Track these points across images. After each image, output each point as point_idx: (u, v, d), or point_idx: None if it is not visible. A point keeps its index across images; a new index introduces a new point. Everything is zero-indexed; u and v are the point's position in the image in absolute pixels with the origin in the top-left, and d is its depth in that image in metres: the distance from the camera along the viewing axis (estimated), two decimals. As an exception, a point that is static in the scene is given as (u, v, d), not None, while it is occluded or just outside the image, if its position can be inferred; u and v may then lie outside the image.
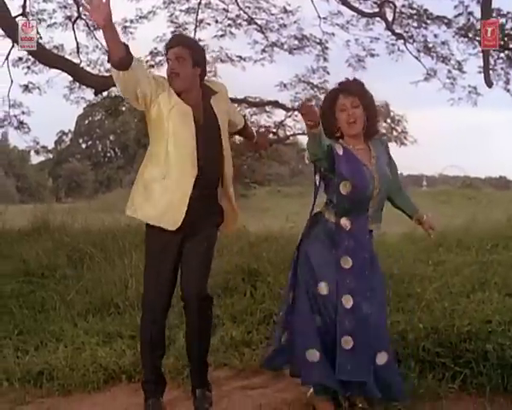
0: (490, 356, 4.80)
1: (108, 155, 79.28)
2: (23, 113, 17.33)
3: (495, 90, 16.30)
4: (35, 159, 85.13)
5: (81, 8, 15.78)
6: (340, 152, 4.87)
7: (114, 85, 16.03)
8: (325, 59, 16.88)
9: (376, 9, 15.90)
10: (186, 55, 4.95)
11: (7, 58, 15.48)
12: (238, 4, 16.46)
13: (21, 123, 17.40)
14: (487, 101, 17.10)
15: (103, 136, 77.92)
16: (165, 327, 5.06)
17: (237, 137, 20.07)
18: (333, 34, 16.51)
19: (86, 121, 76.56)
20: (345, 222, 4.88)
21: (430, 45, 16.04)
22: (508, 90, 16.21)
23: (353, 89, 5.00)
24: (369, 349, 4.65)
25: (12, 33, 13.24)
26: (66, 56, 15.92)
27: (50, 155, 79.07)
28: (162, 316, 5.01)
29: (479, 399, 4.69)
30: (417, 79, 16.39)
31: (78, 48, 16.31)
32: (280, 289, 7.04)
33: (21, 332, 6.78)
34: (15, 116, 17.28)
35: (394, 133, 22.07)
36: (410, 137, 22.53)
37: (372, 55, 16.80)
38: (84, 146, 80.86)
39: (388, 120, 21.93)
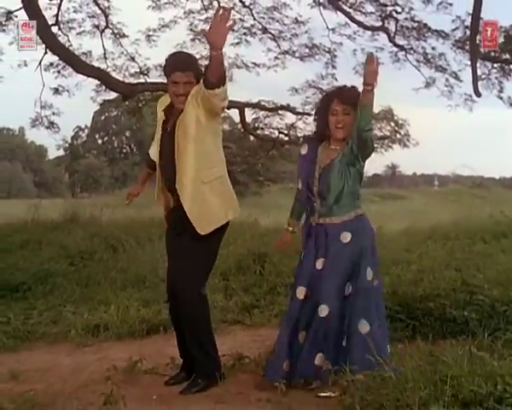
0: (434, 313, 6.32)
1: (124, 151, 78.90)
2: (53, 113, 17.82)
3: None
4: (52, 154, 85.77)
5: (109, 18, 17.20)
6: (304, 152, 5.49)
7: (140, 92, 17.26)
8: (333, 66, 17.59)
9: (380, 23, 17.17)
10: (192, 77, 5.22)
11: (40, 63, 16.76)
12: (253, 15, 17.16)
13: (52, 123, 17.89)
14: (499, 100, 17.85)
15: (119, 132, 77.26)
16: None
17: (251, 137, 21.28)
18: (341, 44, 17.24)
19: (102, 117, 76.28)
20: (303, 216, 5.53)
21: (429, 57, 17.25)
22: (501, 98, 17.32)
23: (347, 97, 5.32)
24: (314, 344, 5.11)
25: (47, 41, 14.66)
26: (94, 62, 16.65)
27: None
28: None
29: (425, 342, 6.14)
30: (418, 87, 17.17)
31: (105, 54, 17.05)
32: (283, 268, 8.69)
33: (74, 301, 8.20)
34: (46, 117, 17.83)
35: (398, 136, 23.40)
36: (413, 139, 23.88)
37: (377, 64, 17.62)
38: (100, 142, 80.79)
39: (392, 124, 23.25)
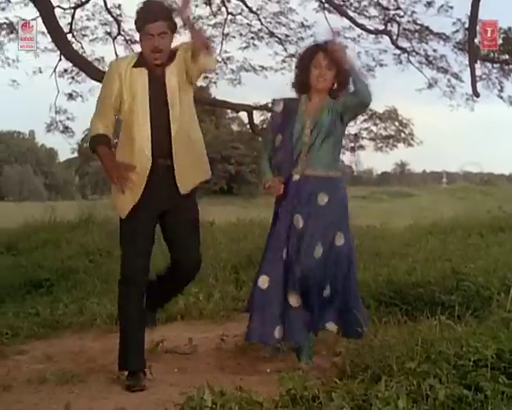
0: (425, 298, 6.92)
1: (134, 152, 79.28)
2: (67, 118, 18.87)
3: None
4: (62, 156, 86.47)
5: (121, 25, 17.61)
6: (279, 109, 5.59)
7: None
8: None
9: (383, 26, 17.76)
10: (167, 28, 5.03)
11: (54, 70, 17.44)
12: (260, 20, 17.98)
13: (66, 128, 18.96)
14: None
15: (128, 134, 77.98)
16: None
17: (260, 138, 21.95)
18: (345, 46, 18.08)
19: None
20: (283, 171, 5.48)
21: (431, 58, 17.77)
22: (501, 98, 17.97)
23: (333, 52, 5.39)
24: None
25: (62, 48, 15.35)
26: (106, 68, 17.70)
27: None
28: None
29: (414, 323, 6.73)
30: (421, 87, 18.07)
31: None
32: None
33: (97, 295, 8.73)
34: (61, 121, 18.82)
35: (402, 135, 24.04)
36: (417, 138, 24.55)
37: (381, 65, 18.23)
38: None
39: (396, 123, 23.86)
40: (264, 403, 3.60)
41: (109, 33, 18.02)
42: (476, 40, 15.71)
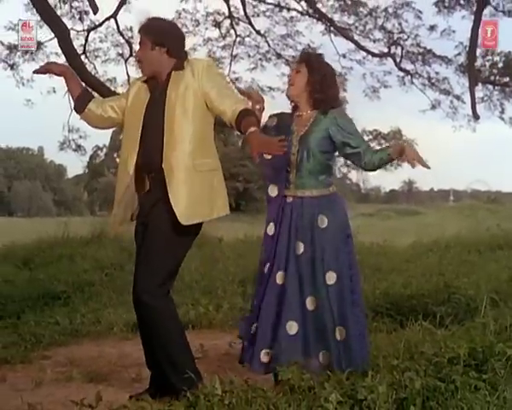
0: (418, 309, 7.45)
1: (142, 169, 79.76)
2: (80, 137, 19.26)
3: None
4: (71, 173, 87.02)
5: (133, 47, 17.91)
6: (273, 124, 5.05)
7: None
8: (344, 89, 18.71)
9: (387, 49, 18.30)
10: (145, 39, 4.85)
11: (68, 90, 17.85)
12: (268, 42, 18.74)
13: (79, 146, 19.42)
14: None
15: (137, 151, 78.43)
16: None
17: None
18: (351, 68, 18.72)
19: (121, 136, 77.80)
20: (272, 189, 5.05)
21: (433, 80, 18.23)
22: (502, 119, 18.48)
23: (300, 57, 5.16)
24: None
25: (76, 69, 15.83)
26: (118, 88, 18.16)
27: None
28: None
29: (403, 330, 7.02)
30: (425, 108, 18.72)
31: (128, 80, 17.97)
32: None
33: (112, 305, 9.25)
34: (74, 140, 19.23)
35: (406, 155, 24.41)
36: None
37: (385, 87, 18.90)
38: (118, 160, 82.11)
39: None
40: (267, 392, 4.18)
41: (121, 55, 18.77)
42: (477, 64, 16.29)
